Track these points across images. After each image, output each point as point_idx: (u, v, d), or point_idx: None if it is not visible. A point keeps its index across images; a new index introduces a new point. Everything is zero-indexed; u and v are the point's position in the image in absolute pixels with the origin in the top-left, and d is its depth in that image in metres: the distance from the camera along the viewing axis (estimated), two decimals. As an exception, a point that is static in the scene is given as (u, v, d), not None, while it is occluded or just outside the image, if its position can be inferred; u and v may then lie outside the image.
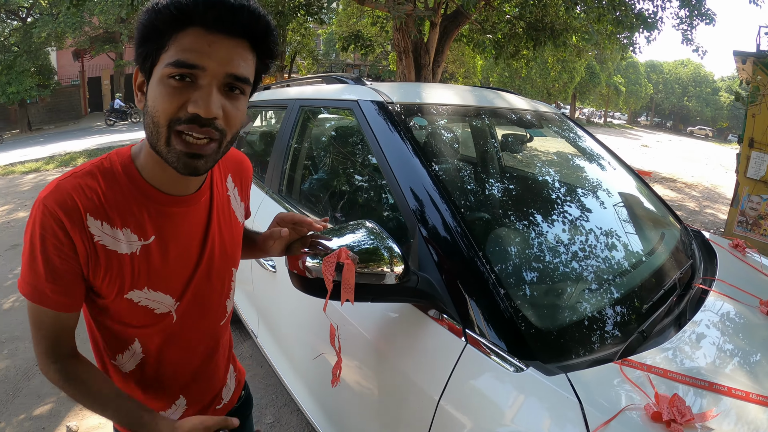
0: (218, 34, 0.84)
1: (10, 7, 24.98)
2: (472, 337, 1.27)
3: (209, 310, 1.15)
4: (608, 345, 1.35)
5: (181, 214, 1.04)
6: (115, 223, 0.95)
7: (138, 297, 1.00)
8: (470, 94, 2.40)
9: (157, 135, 0.88)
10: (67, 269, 0.92)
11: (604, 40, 10.10)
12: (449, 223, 1.45)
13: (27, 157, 15.19)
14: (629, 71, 50.79)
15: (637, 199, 2.34)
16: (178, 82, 0.85)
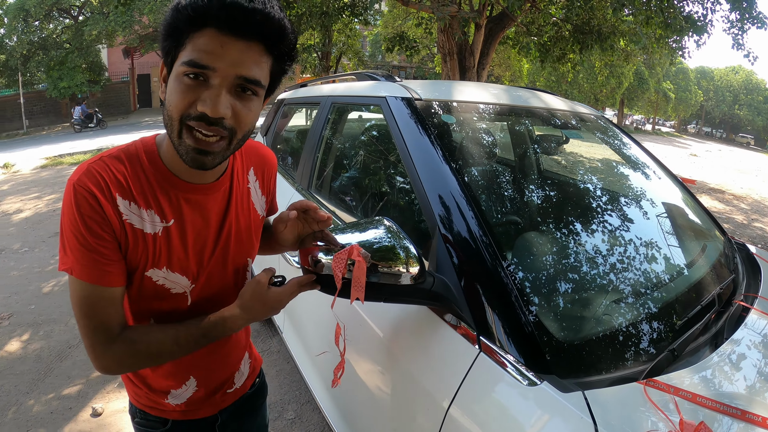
0: (231, 35, 0.86)
1: (63, 5, 26.05)
2: (486, 345, 1.22)
3: (222, 297, 1.16)
4: (634, 362, 1.26)
5: (199, 201, 1.07)
6: (140, 204, 0.99)
7: (157, 276, 1.03)
8: (504, 93, 2.33)
9: (171, 127, 0.91)
10: (108, 241, 0.95)
11: (652, 44, 9.82)
12: (471, 224, 1.40)
13: (75, 150, 15.73)
14: (679, 77, 49.19)
15: (677, 207, 2.20)
16: (191, 80, 0.88)
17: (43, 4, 24.49)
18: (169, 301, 1.09)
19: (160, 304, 1.08)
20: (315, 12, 10.85)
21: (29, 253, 5.90)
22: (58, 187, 10.07)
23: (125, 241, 0.98)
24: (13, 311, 4.30)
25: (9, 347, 3.66)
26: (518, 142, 2.86)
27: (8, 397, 3.04)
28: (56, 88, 25.95)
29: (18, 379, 3.23)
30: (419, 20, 12.62)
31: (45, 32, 27.09)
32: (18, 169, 13.04)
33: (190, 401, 1.23)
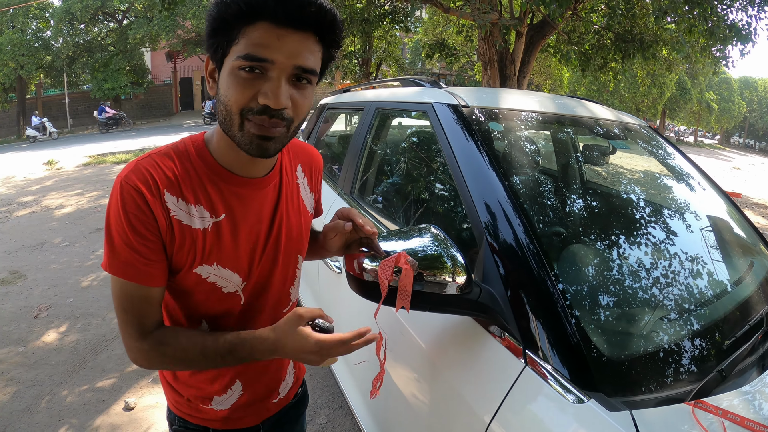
0: (286, 28, 0.87)
1: (108, 9, 26.90)
2: (533, 359, 1.17)
3: (274, 295, 1.16)
4: (681, 382, 1.20)
5: (250, 195, 1.07)
6: (189, 200, 0.99)
7: (207, 272, 1.02)
8: (551, 102, 2.28)
9: (230, 121, 0.92)
10: (151, 241, 0.96)
11: (695, 53, 9.58)
12: (519, 234, 1.36)
13: (118, 149, 16.15)
14: (722, 87, 47.58)
15: (726, 223, 2.11)
16: (249, 74, 0.88)
17: (88, 7, 25.31)
18: (222, 301, 1.07)
19: (213, 306, 1.07)
20: (356, 18, 10.95)
21: (70, 247, 6.05)
22: (100, 184, 10.35)
23: (171, 238, 0.98)
24: (51, 303, 4.40)
25: (46, 338, 3.76)
26: (564, 152, 2.80)
27: (42, 387, 3.11)
28: (100, 89, 26.80)
29: (53, 370, 3.31)
30: (460, 27, 12.60)
31: (90, 35, 28.02)
32: (62, 166, 13.46)
33: (234, 408, 1.20)
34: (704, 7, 7.16)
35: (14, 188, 10.50)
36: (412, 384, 1.56)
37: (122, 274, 0.96)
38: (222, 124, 0.95)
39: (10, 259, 5.67)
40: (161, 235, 0.96)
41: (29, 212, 8.02)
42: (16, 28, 25.51)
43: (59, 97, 29.37)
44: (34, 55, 25.30)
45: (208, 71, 0.99)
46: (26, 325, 4.00)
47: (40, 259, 5.61)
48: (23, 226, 7.17)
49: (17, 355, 3.50)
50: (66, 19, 25.54)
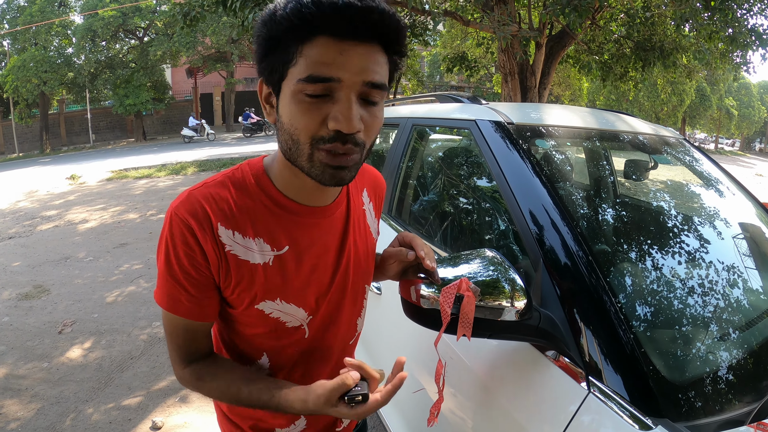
0: (349, 40, 0.78)
1: (129, 26, 27.43)
2: (596, 385, 1.12)
3: (341, 328, 1.10)
4: (740, 404, 1.15)
5: (316, 225, 1.00)
6: (247, 233, 0.93)
7: (270, 308, 0.97)
8: (591, 117, 2.24)
9: (298, 152, 0.84)
10: (199, 277, 0.91)
11: (715, 59, 9.47)
12: (576, 255, 1.31)
13: (140, 164, 16.37)
14: (741, 93, 46.85)
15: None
16: (314, 99, 0.80)
17: (109, 25, 25.79)
18: (285, 336, 1.02)
19: (275, 340, 1.02)
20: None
21: (93, 262, 6.10)
22: (123, 199, 10.48)
23: (227, 274, 0.93)
24: (76, 319, 4.43)
25: (70, 354, 3.76)
26: (609, 168, 2.75)
27: (67, 404, 3.11)
28: (122, 105, 27.25)
29: (78, 387, 3.31)
30: (479, 40, 12.59)
31: (111, 52, 28.55)
32: (84, 180, 13.68)
33: None
34: (725, 12, 7.08)
35: (38, 202, 10.68)
36: (464, 411, 1.50)
37: (167, 306, 0.93)
38: (287, 153, 0.88)
39: (33, 273, 5.73)
40: (212, 272, 0.92)
41: (53, 226, 8.13)
42: (39, 45, 26.08)
43: (81, 113, 29.89)
44: (56, 71, 25.81)
45: (263, 97, 0.91)
46: (50, 340, 4.02)
47: (64, 274, 5.66)
48: (47, 240, 7.27)
49: (41, 371, 3.50)
50: (88, 36, 26.05)
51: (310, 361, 1.07)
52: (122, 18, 26.07)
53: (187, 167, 15.02)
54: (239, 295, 0.94)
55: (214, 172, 14.12)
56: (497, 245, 1.92)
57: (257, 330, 1.00)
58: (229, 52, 28.15)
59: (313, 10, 0.75)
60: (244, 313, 0.97)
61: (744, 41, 7.57)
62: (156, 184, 12.65)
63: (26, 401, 3.13)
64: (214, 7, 7.56)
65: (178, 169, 14.82)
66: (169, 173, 14.28)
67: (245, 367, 1.02)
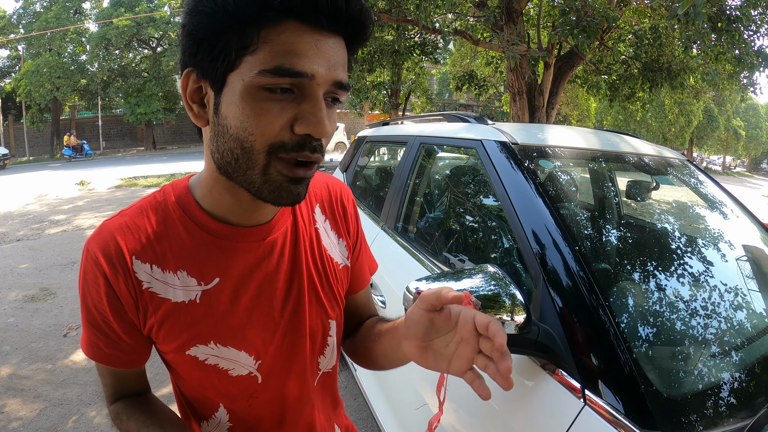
0: (319, 29, 0.65)
1: (142, 37, 27.81)
2: (592, 399, 1.15)
3: (298, 370, 0.92)
4: (734, 419, 1.18)
5: (252, 249, 0.83)
6: (167, 266, 0.79)
7: (204, 354, 0.81)
8: (594, 137, 2.29)
9: (249, 163, 0.69)
10: (117, 321, 0.80)
11: (723, 80, 9.52)
12: (575, 272, 1.35)
13: (150, 173, 16.49)
14: (749, 113, 46.74)
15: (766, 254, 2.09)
16: (277, 95, 0.65)
17: (123, 34, 26.15)
18: (233, 384, 0.85)
19: (225, 388, 0.85)
20: (386, 50, 11.20)
21: (100, 268, 6.13)
22: (130, 206, 10.52)
23: (145, 314, 0.79)
24: (80, 323, 4.43)
25: (74, 357, 3.79)
26: (611, 188, 2.80)
27: (70, 406, 3.12)
28: (133, 113, 27.57)
29: (81, 390, 3.33)
30: (489, 59, 12.69)
31: (125, 61, 28.96)
32: (93, 187, 13.77)
33: None
34: (731, 34, 7.14)
35: (46, 206, 10.76)
36: (463, 423, 1.53)
37: (87, 352, 0.83)
38: (229, 166, 0.71)
39: (40, 276, 5.77)
40: (128, 314, 0.79)
41: (61, 230, 8.19)
42: (53, 51, 26.51)
43: (93, 119, 30.23)
44: (69, 77, 26.22)
45: (189, 92, 0.72)
46: (55, 342, 4.05)
47: (71, 278, 5.68)
48: (54, 243, 7.32)
49: (45, 373, 3.53)
50: (102, 44, 26.44)
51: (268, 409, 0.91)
52: (136, 27, 26.44)
53: (195, 176, 15.08)
54: (164, 339, 0.80)
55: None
56: (501, 262, 1.96)
57: (199, 380, 0.85)
58: (239, 63, 28.46)
59: None
60: (176, 360, 0.82)
61: (750, 62, 7.62)
62: (164, 192, 12.73)
63: (29, 401, 3.16)
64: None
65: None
66: (177, 182, 14.37)
67: (169, 414, 0.89)
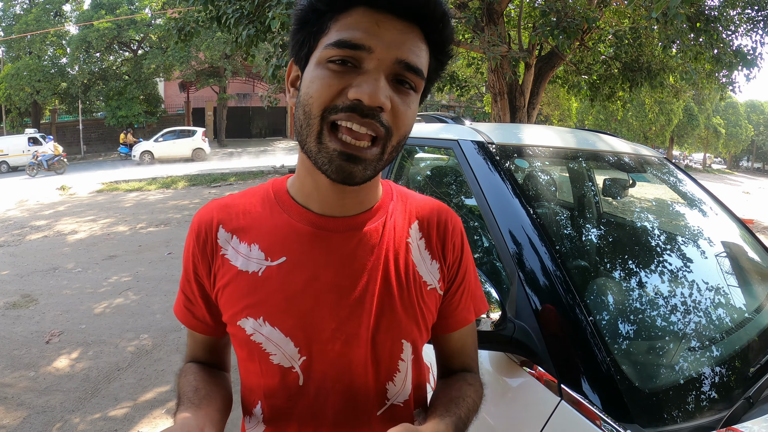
0: (388, 14, 0.71)
1: (123, 39, 27.55)
2: (568, 394, 1.18)
3: (358, 388, 0.85)
4: (711, 411, 1.22)
5: (325, 237, 0.83)
6: (244, 237, 0.84)
7: (251, 327, 0.81)
8: (571, 136, 2.32)
9: (308, 129, 0.73)
10: (194, 282, 0.88)
11: (702, 79, 9.67)
12: (550, 269, 1.37)
13: (131, 177, 16.34)
14: (729, 112, 47.57)
15: (743, 251, 2.14)
16: (339, 66, 0.71)
17: (104, 37, 25.84)
18: (273, 376, 0.83)
19: (265, 380, 0.85)
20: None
21: (82, 273, 6.09)
22: (113, 211, 10.47)
23: (215, 278, 0.85)
24: (63, 329, 4.42)
25: (57, 364, 3.76)
26: (587, 186, 2.84)
27: (53, 413, 3.10)
28: (114, 116, 27.26)
29: (65, 396, 3.30)
30: (470, 60, 12.74)
31: (105, 63, 28.65)
32: (74, 191, 13.62)
33: None
34: (710, 33, 7.27)
35: (27, 212, 10.64)
36: None
37: (175, 309, 0.93)
38: (299, 137, 0.76)
39: (22, 282, 5.71)
40: (202, 277, 0.86)
41: (42, 236, 8.11)
42: (33, 54, 26.16)
43: (73, 123, 29.84)
44: (49, 81, 25.86)
45: (289, 80, 0.82)
46: (37, 349, 4.01)
47: (53, 284, 5.64)
48: (35, 250, 7.25)
49: (28, 380, 3.50)
50: (82, 47, 26.10)
51: (311, 424, 0.85)
52: (117, 30, 26.15)
53: (178, 181, 14.99)
54: (224, 305, 0.84)
55: (204, 186, 14.13)
56: (479, 261, 1.98)
57: (245, 361, 0.87)
58: (222, 67, 28.26)
59: None
60: (231, 332, 0.86)
61: (729, 61, 7.76)
62: (146, 197, 12.63)
63: (12, 409, 3.13)
64: (209, 23, 7.65)
65: (168, 182, 14.79)
66: (160, 187, 14.25)
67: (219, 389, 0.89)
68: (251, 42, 6.98)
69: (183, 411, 0.78)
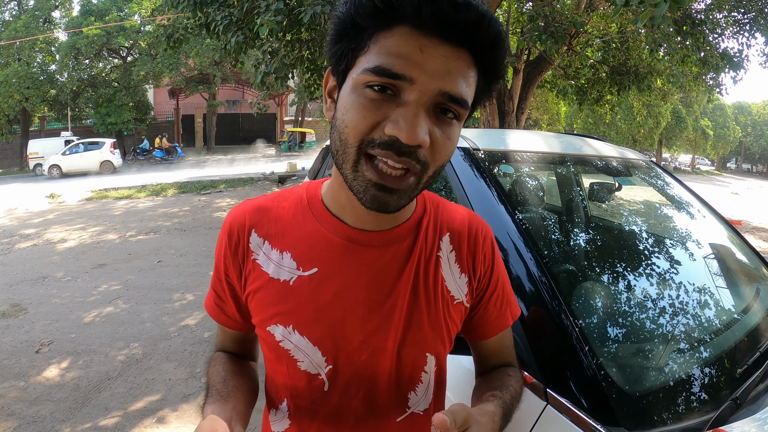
0: (434, 37, 0.66)
1: (112, 46, 27.43)
2: (554, 398, 1.18)
3: (380, 396, 0.87)
4: (697, 412, 1.23)
5: (357, 251, 0.83)
6: (276, 244, 0.85)
7: (281, 335, 0.83)
8: (557, 141, 2.33)
9: (344, 155, 0.71)
10: (225, 282, 0.90)
11: (689, 82, 9.79)
12: (534, 274, 1.38)
13: (121, 184, 16.24)
14: (716, 114, 48.07)
15: (730, 251, 2.16)
16: (377, 94, 0.67)
17: (93, 43, 25.69)
18: (301, 380, 0.85)
19: (293, 382, 0.86)
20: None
21: (72, 282, 6.05)
22: (102, 220, 10.39)
23: (245, 281, 0.87)
24: (53, 338, 4.39)
25: (47, 374, 3.73)
26: (573, 190, 2.85)
27: (44, 423, 3.08)
28: (104, 123, 27.12)
29: (55, 407, 3.28)
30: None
31: (94, 70, 28.51)
32: (64, 199, 13.53)
33: None
34: (696, 37, 7.36)
35: (16, 220, 10.56)
36: None
37: (206, 304, 0.97)
38: (335, 157, 0.74)
39: (11, 291, 5.67)
40: (233, 279, 0.88)
41: (31, 245, 8.04)
42: (22, 61, 25.95)
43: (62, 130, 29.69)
44: (38, 88, 25.67)
45: (326, 89, 0.78)
46: (27, 359, 3.98)
47: (42, 293, 5.60)
48: (25, 258, 7.19)
49: (17, 390, 3.47)
50: (71, 53, 25.97)
51: (334, 427, 0.87)
52: (106, 37, 26.02)
53: (168, 188, 14.92)
54: (255, 309, 0.86)
55: (194, 194, 14.07)
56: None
57: (273, 363, 0.89)
58: (211, 74, 28.24)
59: None
60: (260, 335, 0.88)
61: (715, 64, 7.86)
62: (136, 204, 12.55)
63: (2, 420, 3.10)
64: (198, 30, 7.65)
65: (158, 190, 14.71)
66: (149, 194, 14.17)
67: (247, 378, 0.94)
68: (240, 49, 6.99)
69: (211, 403, 0.82)
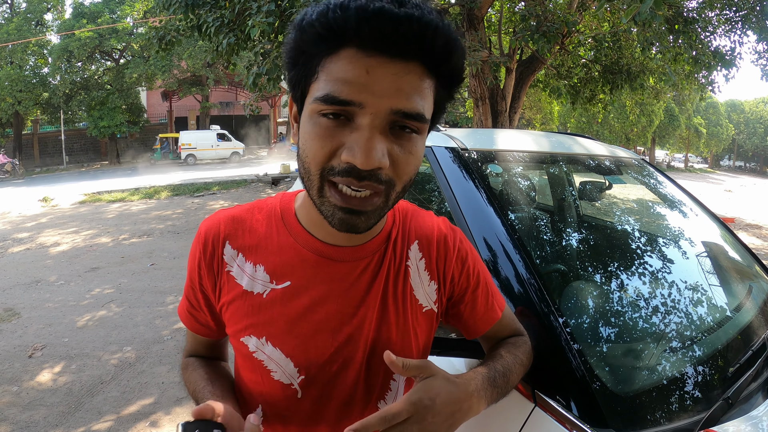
0: (379, 56, 0.64)
1: (105, 48, 27.31)
2: (543, 400, 1.18)
3: (343, 401, 0.89)
4: (689, 412, 1.22)
5: (330, 266, 0.86)
6: (250, 257, 0.87)
7: (254, 346, 0.85)
8: (546, 140, 2.32)
9: (309, 183, 0.73)
10: (199, 291, 0.91)
11: (681, 80, 9.82)
12: (522, 275, 1.37)
13: (114, 187, 16.18)
14: (709, 112, 48.11)
15: (722, 249, 2.15)
16: (331, 121, 0.67)
17: (86, 46, 25.58)
18: (274, 389, 0.87)
19: (267, 390, 0.88)
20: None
21: (65, 286, 6.03)
22: (95, 223, 10.36)
23: (220, 293, 0.88)
24: (46, 343, 4.37)
25: (40, 378, 3.72)
26: (562, 189, 2.84)
27: (37, 428, 3.07)
28: (96, 126, 27.02)
29: (48, 411, 3.27)
30: (451, 66, 12.81)
31: (87, 73, 28.39)
32: (57, 203, 13.47)
33: None
34: (689, 35, 7.39)
35: (9, 224, 10.51)
36: None
37: (179, 311, 0.98)
38: (303, 183, 0.76)
39: (4, 296, 5.64)
40: (208, 290, 0.89)
41: (24, 249, 8.01)
42: (15, 64, 25.81)
43: (55, 133, 29.62)
44: (31, 91, 25.54)
45: (292, 114, 0.79)
46: (20, 364, 3.97)
47: (35, 297, 5.58)
48: (18, 262, 7.15)
49: (10, 395, 3.46)
50: (64, 56, 25.83)
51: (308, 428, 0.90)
52: (99, 39, 25.89)
53: (161, 191, 14.85)
54: (229, 320, 0.88)
55: (187, 196, 14.03)
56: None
57: (247, 371, 0.90)
58: (204, 76, 28.19)
59: (338, 15, 0.63)
60: (233, 345, 0.90)
61: (708, 62, 7.89)
62: (129, 208, 12.50)
63: (-6, 426, 3.11)
64: (190, 32, 7.64)
65: (151, 193, 14.65)
66: (143, 197, 14.11)
67: (224, 379, 0.96)
68: (232, 50, 6.98)
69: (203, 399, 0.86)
